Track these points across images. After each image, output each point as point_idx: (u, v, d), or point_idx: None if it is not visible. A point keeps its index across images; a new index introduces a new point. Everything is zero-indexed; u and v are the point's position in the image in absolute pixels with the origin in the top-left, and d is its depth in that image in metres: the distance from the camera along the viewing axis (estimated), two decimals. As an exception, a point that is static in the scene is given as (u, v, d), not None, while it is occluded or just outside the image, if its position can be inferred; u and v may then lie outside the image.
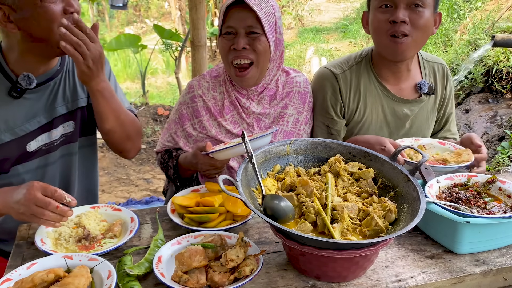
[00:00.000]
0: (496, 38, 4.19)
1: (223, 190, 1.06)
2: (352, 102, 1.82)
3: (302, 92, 1.83)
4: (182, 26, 11.20)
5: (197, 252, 1.10)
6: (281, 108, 1.80)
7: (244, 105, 1.76)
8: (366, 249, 1.03)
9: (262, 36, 1.62)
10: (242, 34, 1.61)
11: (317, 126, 1.84)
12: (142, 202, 3.76)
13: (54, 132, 1.59)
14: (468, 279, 1.17)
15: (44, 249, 1.22)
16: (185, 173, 1.76)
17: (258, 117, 1.78)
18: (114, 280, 1.06)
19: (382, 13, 1.66)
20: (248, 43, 1.62)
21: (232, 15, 1.61)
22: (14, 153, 1.52)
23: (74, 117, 1.64)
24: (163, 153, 1.83)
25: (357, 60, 1.85)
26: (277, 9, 1.69)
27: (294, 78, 1.85)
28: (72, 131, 1.65)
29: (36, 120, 1.54)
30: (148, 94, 8.08)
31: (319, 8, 12.24)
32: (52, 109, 1.58)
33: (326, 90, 1.82)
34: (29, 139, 1.54)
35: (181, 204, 1.42)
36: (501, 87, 4.85)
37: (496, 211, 1.27)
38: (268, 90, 1.79)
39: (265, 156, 1.29)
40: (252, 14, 1.58)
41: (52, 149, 1.61)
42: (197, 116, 1.78)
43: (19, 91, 1.48)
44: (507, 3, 6.12)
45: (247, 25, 1.60)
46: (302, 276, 1.14)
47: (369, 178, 1.28)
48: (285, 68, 1.87)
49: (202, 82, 1.81)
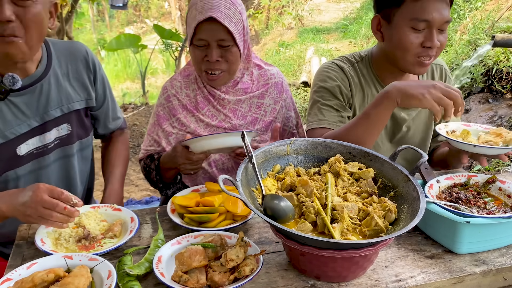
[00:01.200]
0: (496, 38, 4.20)
1: (223, 190, 1.06)
2: (356, 99, 1.78)
3: (278, 82, 1.91)
4: (182, 26, 11.20)
5: (197, 252, 1.11)
6: (258, 98, 1.87)
7: (219, 96, 1.80)
8: (366, 249, 1.03)
9: (234, 47, 1.67)
10: (215, 46, 1.65)
11: (326, 110, 1.73)
12: (142, 202, 3.75)
13: (47, 135, 1.57)
14: (468, 279, 1.17)
15: (44, 249, 1.22)
16: (167, 174, 1.77)
17: (234, 108, 1.83)
18: (114, 280, 1.06)
19: (415, 33, 1.57)
20: (221, 54, 1.66)
21: (203, 28, 1.63)
22: (3, 156, 1.49)
23: (69, 120, 1.63)
24: (145, 158, 1.85)
25: (357, 60, 1.82)
26: (243, 11, 1.71)
27: (268, 71, 1.92)
28: (68, 134, 1.64)
29: (27, 123, 1.52)
30: (148, 94, 8.09)
31: (319, 8, 12.24)
32: (44, 112, 1.55)
33: (336, 79, 1.76)
34: (19, 142, 1.51)
35: (181, 204, 1.42)
36: (501, 87, 4.84)
37: (496, 211, 1.27)
38: (242, 83, 1.84)
39: (265, 156, 1.29)
40: (222, 28, 1.61)
41: (46, 152, 1.59)
42: (174, 114, 1.82)
43: (3, 91, 1.45)
44: (507, 3, 6.12)
45: (219, 38, 1.63)
46: (302, 276, 1.14)
47: (369, 178, 1.28)
48: (255, 62, 1.91)
49: (174, 82, 1.86)
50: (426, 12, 1.53)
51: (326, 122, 1.69)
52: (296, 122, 1.98)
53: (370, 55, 1.82)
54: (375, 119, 1.48)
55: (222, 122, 1.82)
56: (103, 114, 1.81)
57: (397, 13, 1.59)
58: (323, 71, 1.80)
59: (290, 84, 7.01)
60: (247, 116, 1.84)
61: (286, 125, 1.95)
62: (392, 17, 1.61)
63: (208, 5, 1.61)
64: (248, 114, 1.84)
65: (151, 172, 1.80)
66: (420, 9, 1.53)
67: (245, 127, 1.83)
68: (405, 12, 1.56)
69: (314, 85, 1.81)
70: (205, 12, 1.60)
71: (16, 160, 1.52)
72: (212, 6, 1.61)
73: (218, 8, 1.61)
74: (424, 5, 1.53)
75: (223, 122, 1.82)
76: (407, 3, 1.55)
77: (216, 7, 1.61)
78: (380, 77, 1.79)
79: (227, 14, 1.62)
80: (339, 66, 1.78)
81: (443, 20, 1.55)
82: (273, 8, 11.89)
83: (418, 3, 1.53)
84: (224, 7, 1.62)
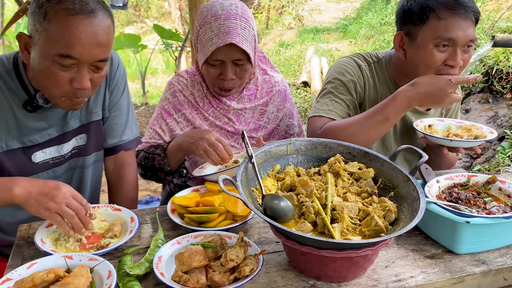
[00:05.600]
0: (496, 38, 4.20)
1: (223, 190, 1.06)
2: (367, 99, 1.77)
3: (282, 90, 1.93)
4: (182, 26, 11.20)
5: (197, 252, 1.11)
6: (262, 106, 1.88)
7: (225, 102, 1.82)
8: (366, 249, 1.03)
9: (247, 64, 1.69)
10: (230, 64, 1.67)
11: (337, 103, 1.71)
12: (142, 202, 3.75)
13: (65, 146, 1.55)
14: (468, 279, 1.17)
15: (44, 249, 1.22)
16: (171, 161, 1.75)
17: (238, 112, 1.85)
18: (114, 280, 1.06)
19: (438, 52, 1.56)
20: (235, 72, 1.68)
21: (221, 51, 1.63)
22: (17, 160, 1.47)
23: (87, 130, 1.60)
24: (148, 148, 1.82)
25: (374, 60, 1.80)
26: (254, 24, 1.72)
27: (272, 78, 1.93)
28: (85, 144, 1.61)
29: (47, 133, 1.49)
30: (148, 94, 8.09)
31: (319, 8, 12.23)
32: (64, 123, 1.53)
33: (353, 75, 1.74)
34: (35, 150, 1.49)
35: (181, 204, 1.42)
36: (501, 87, 4.85)
37: (496, 211, 1.27)
38: (247, 90, 1.86)
39: (265, 156, 1.29)
40: (240, 49, 1.62)
41: (62, 162, 1.56)
42: (179, 109, 1.83)
43: (34, 106, 1.43)
44: (507, 3, 6.12)
45: (235, 58, 1.65)
46: (302, 276, 1.14)
47: (369, 178, 1.28)
48: (261, 66, 1.91)
49: (181, 79, 1.88)
50: (450, 31, 1.52)
51: (334, 114, 1.68)
52: (298, 130, 2.00)
53: (387, 58, 1.80)
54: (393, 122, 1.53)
55: (225, 124, 1.83)
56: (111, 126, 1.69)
57: (421, 31, 1.58)
58: (341, 64, 1.78)
59: (290, 84, 7.01)
60: (250, 122, 1.86)
61: (287, 133, 1.97)
62: (416, 36, 1.60)
63: (224, 27, 1.61)
64: (251, 121, 1.85)
65: (155, 158, 1.76)
66: (445, 27, 1.53)
67: (248, 133, 1.83)
68: (429, 30, 1.55)
69: (329, 75, 1.79)
70: (223, 36, 1.60)
71: (30, 166, 1.50)
72: (229, 29, 1.60)
73: (235, 30, 1.61)
74: (448, 23, 1.52)
75: (227, 125, 1.83)
76: (431, 21, 1.54)
77: (233, 29, 1.61)
78: (396, 81, 1.78)
79: (244, 36, 1.63)
80: (357, 63, 1.77)
81: (467, 39, 1.54)
82: (273, 8, 11.89)
83: (442, 21, 1.52)
84: (240, 28, 1.62)
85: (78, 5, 1.26)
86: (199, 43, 1.71)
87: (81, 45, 1.27)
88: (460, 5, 1.51)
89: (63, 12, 1.25)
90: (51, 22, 1.26)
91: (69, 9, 1.25)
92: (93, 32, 1.28)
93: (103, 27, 1.30)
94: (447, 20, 1.52)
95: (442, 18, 1.52)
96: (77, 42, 1.26)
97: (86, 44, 1.27)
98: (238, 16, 1.64)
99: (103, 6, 1.32)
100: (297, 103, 6.44)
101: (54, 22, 1.25)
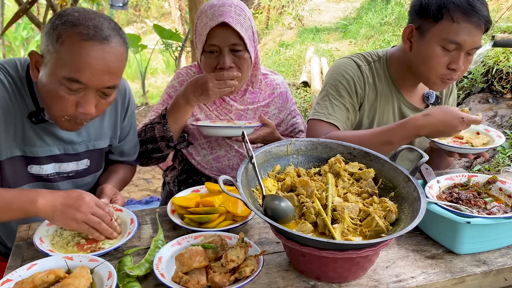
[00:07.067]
0: (496, 38, 4.20)
1: (223, 191, 1.05)
2: (368, 98, 1.77)
3: (283, 92, 1.97)
4: (182, 26, 11.21)
5: (197, 253, 1.10)
6: (263, 107, 1.92)
7: (228, 102, 1.86)
8: (366, 250, 1.03)
9: (245, 53, 1.69)
10: (227, 51, 1.67)
11: (337, 107, 1.73)
12: (142, 202, 3.75)
13: (64, 165, 1.53)
14: (468, 279, 1.17)
15: (44, 250, 1.22)
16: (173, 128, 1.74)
17: (240, 113, 1.89)
18: (115, 281, 1.06)
19: (443, 53, 1.58)
20: (233, 61, 1.68)
21: (215, 34, 1.65)
22: (14, 167, 1.45)
23: (91, 156, 1.59)
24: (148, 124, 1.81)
25: (374, 59, 1.81)
26: (252, 18, 1.75)
27: (274, 80, 1.97)
28: (85, 168, 1.59)
29: (49, 149, 1.47)
30: (148, 94, 8.10)
31: (319, 8, 12.23)
32: (70, 145, 1.51)
33: (353, 76, 1.75)
34: (33, 162, 1.47)
35: (181, 204, 1.41)
36: (501, 87, 4.84)
37: (497, 211, 1.27)
38: (250, 93, 1.90)
39: (265, 157, 1.29)
40: (234, 33, 1.64)
41: (55, 180, 1.54)
42: None
43: (40, 119, 1.41)
44: (507, 3, 6.12)
45: (231, 43, 1.66)
46: (303, 277, 1.14)
47: (369, 179, 1.28)
48: (261, 71, 1.95)
49: (189, 71, 1.91)
50: (459, 35, 1.53)
51: (335, 118, 1.69)
52: (304, 127, 2.02)
53: (387, 56, 1.81)
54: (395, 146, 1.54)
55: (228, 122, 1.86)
56: (117, 150, 1.73)
57: (432, 29, 1.58)
58: (341, 65, 1.79)
59: (290, 84, 7.00)
60: (251, 122, 1.87)
61: (292, 132, 2.00)
62: (426, 32, 1.60)
63: (218, 11, 1.64)
64: (252, 121, 1.88)
65: (154, 127, 1.75)
66: (455, 31, 1.53)
67: None
68: (441, 30, 1.56)
69: (329, 77, 1.79)
70: (216, 18, 1.63)
71: (24, 176, 1.47)
72: (223, 12, 1.64)
73: (229, 13, 1.64)
74: (460, 28, 1.53)
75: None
76: (444, 22, 1.55)
77: (227, 12, 1.64)
78: (395, 79, 1.79)
79: (238, 19, 1.65)
80: (357, 64, 1.78)
81: (473, 46, 1.56)
82: (273, 8, 11.89)
83: (455, 24, 1.53)
84: (234, 13, 1.66)
85: (93, 31, 1.25)
86: (197, 35, 1.73)
87: (90, 71, 1.25)
88: (476, 13, 1.52)
89: (76, 36, 1.24)
90: (64, 45, 1.25)
91: (82, 33, 1.24)
92: (104, 58, 1.26)
93: (115, 54, 1.29)
94: (459, 24, 1.53)
95: (456, 22, 1.53)
96: (87, 67, 1.25)
97: (96, 70, 1.26)
98: (233, 5, 1.69)
99: (118, 33, 1.31)
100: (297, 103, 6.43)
101: (66, 45, 1.25)
